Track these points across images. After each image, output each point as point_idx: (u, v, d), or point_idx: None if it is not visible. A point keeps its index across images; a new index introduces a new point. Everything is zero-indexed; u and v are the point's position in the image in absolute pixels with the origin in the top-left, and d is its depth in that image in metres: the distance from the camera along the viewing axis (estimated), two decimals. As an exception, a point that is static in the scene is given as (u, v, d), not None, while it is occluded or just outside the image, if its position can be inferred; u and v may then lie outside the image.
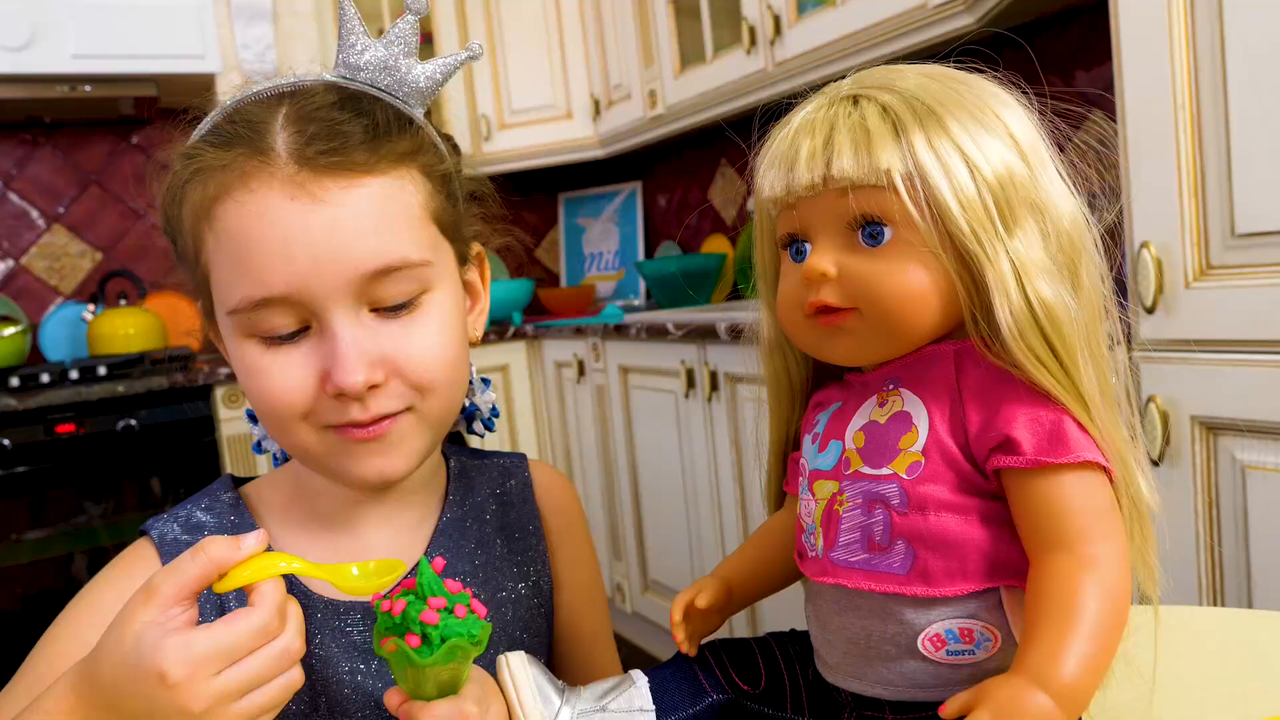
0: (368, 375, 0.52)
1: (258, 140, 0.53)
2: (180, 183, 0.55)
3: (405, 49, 0.57)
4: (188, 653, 0.43)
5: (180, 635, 0.43)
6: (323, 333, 0.53)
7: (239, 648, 0.44)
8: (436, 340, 0.55)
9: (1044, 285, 0.46)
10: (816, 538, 0.51)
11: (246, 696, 0.44)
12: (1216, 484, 1.04)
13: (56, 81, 2.08)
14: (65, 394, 1.89)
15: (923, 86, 0.48)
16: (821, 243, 0.49)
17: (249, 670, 0.44)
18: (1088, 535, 0.44)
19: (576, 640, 0.72)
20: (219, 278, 0.54)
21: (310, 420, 0.54)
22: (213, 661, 0.43)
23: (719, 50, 2.07)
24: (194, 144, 0.55)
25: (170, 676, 0.42)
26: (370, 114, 0.54)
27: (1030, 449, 0.45)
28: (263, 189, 0.51)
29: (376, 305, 0.53)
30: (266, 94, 0.56)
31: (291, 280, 0.51)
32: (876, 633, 0.48)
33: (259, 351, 0.53)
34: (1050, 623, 0.43)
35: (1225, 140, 0.98)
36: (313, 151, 0.52)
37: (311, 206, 0.51)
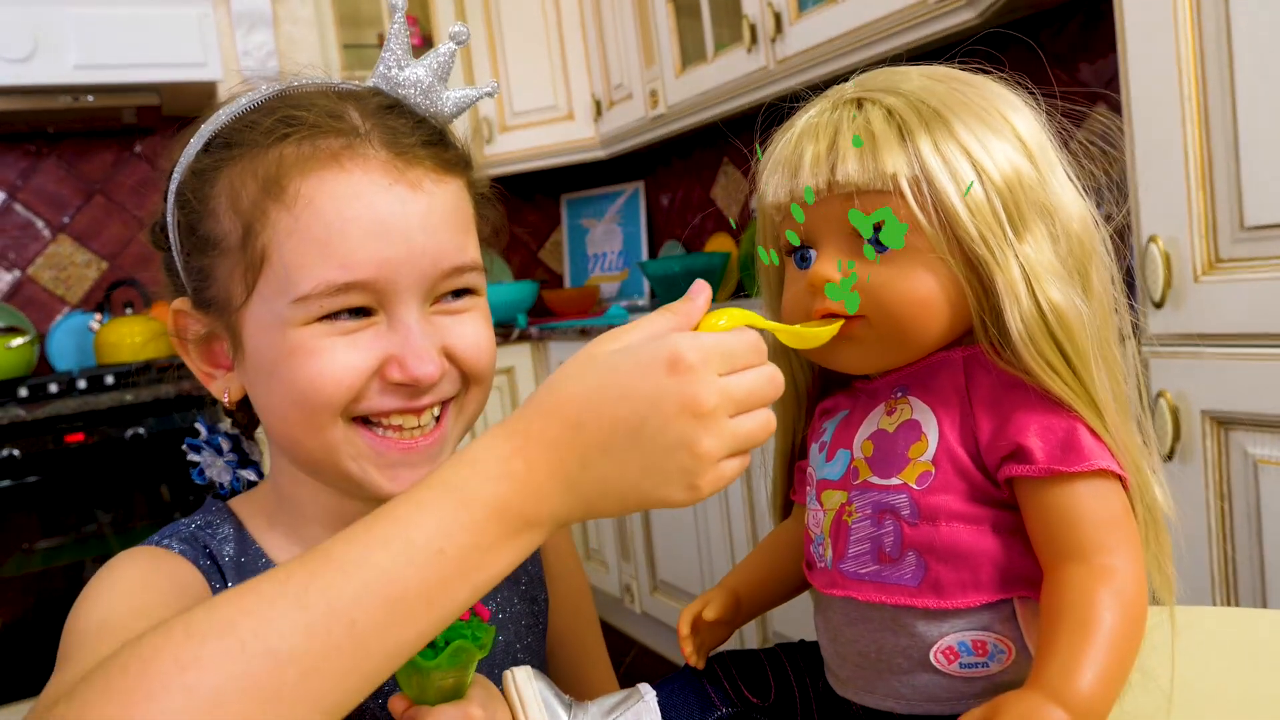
0: (439, 365, 0.52)
1: (340, 121, 0.51)
2: (222, 161, 0.53)
3: (442, 75, 0.57)
4: (699, 342, 0.40)
5: (686, 333, 0.41)
6: (391, 322, 0.52)
7: (740, 355, 0.41)
8: (486, 334, 0.56)
9: (1055, 289, 0.45)
10: (825, 548, 0.50)
11: (744, 416, 0.40)
12: (1229, 479, 1.03)
13: (59, 92, 2.08)
14: (73, 404, 1.89)
15: (927, 89, 0.47)
16: (827, 249, 0.48)
17: (750, 381, 0.41)
18: (1103, 545, 0.43)
19: (567, 652, 0.71)
20: (289, 260, 0.50)
21: (348, 411, 0.52)
22: (722, 357, 0.40)
23: (720, 49, 2.06)
24: (242, 118, 0.53)
25: (686, 359, 0.39)
26: (426, 122, 0.55)
27: (1043, 458, 0.44)
28: (358, 170, 0.50)
29: (437, 300, 0.54)
30: (314, 86, 0.55)
31: (381, 267, 0.50)
32: (888, 645, 0.48)
33: (317, 334, 0.50)
34: (1066, 636, 0.42)
35: (1233, 131, 0.97)
36: (405, 142, 0.52)
37: (410, 193, 0.51)
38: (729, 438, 0.40)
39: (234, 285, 0.53)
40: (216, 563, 0.57)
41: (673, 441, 0.39)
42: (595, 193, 2.99)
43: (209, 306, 0.55)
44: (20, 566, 1.90)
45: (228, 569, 0.57)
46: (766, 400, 0.42)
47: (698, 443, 0.39)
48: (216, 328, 0.56)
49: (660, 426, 0.39)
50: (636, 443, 0.39)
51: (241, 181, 0.52)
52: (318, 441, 0.53)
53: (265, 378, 0.53)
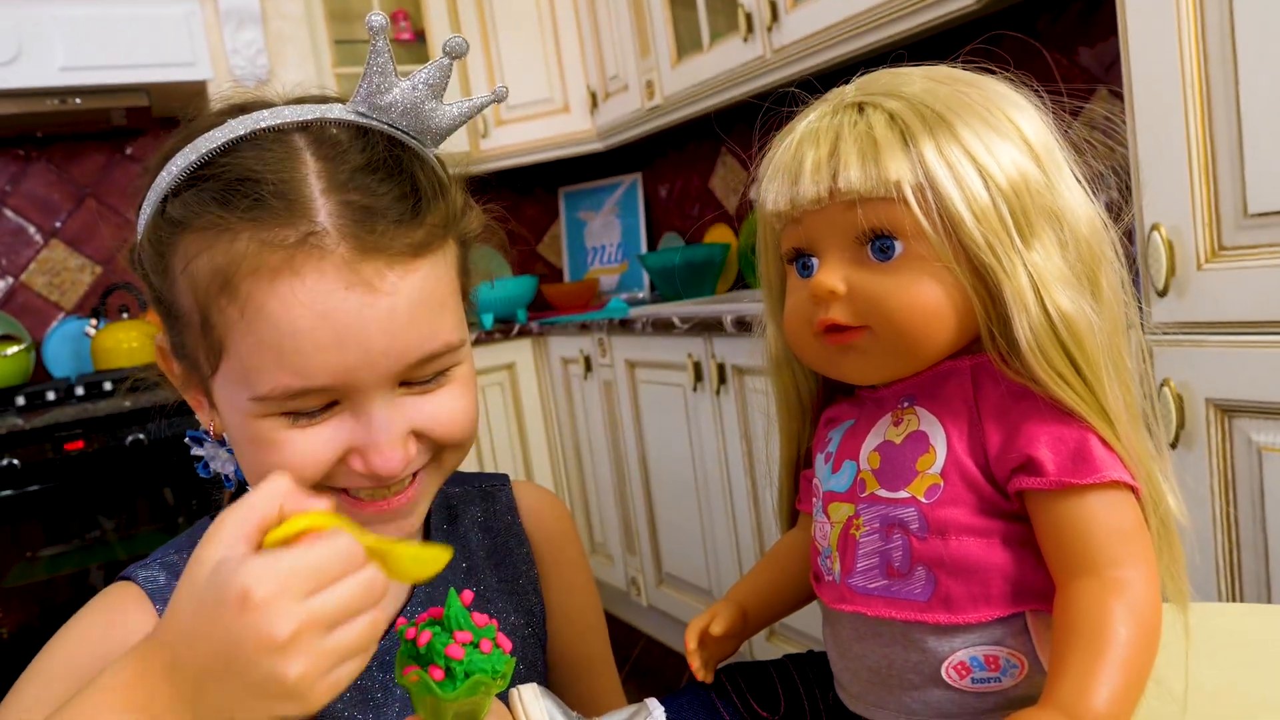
0: (404, 457, 0.50)
1: (298, 212, 0.47)
2: (176, 235, 0.49)
3: (433, 92, 0.52)
4: (272, 569, 0.38)
5: (262, 555, 0.39)
6: (355, 412, 0.50)
7: (326, 570, 0.39)
8: (462, 405, 0.53)
9: (1063, 297, 0.44)
10: (833, 561, 0.50)
11: (336, 631, 0.39)
12: (1232, 466, 1.03)
13: (46, 95, 2.06)
14: (72, 411, 1.88)
15: (930, 91, 0.46)
16: (829, 258, 0.47)
17: (338, 597, 0.39)
18: (1116, 559, 0.43)
19: (572, 667, 0.70)
20: (244, 360, 0.48)
21: (316, 485, 0.51)
22: (299, 580, 0.38)
23: (716, 38, 2.04)
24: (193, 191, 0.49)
25: (254, 595, 0.37)
26: (409, 175, 0.50)
27: (1053, 469, 0.43)
28: (313, 275, 0.46)
29: (408, 381, 0.51)
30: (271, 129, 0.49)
31: (338, 374, 0.48)
32: (898, 661, 0.47)
33: (278, 427, 0.49)
34: (1080, 652, 0.41)
35: (1236, 117, 0.96)
36: (367, 232, 0.47)
37: (367, 298, 0.47)
38: (325, 657, 0.39)
39: (200, 358, 0.51)
40: None
41: (262, 676, 0.38)
42: (593, 185, 2.98)
43: (184, 360, 0.54)
44: (24, 575, 1.89)
45: None
46: (367, 607, 0.40)
47: (286, 675, 0.38)
48: (192, 378, 0.54)
49: (246, 664, 0.38)
50: (231, 677, 0.39)
51: (196, 265, 0.49)
52: None
53: (236, 445, 0.53)
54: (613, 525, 2.32)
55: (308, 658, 0.38)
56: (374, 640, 0.41)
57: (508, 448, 2.40)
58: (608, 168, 2.93)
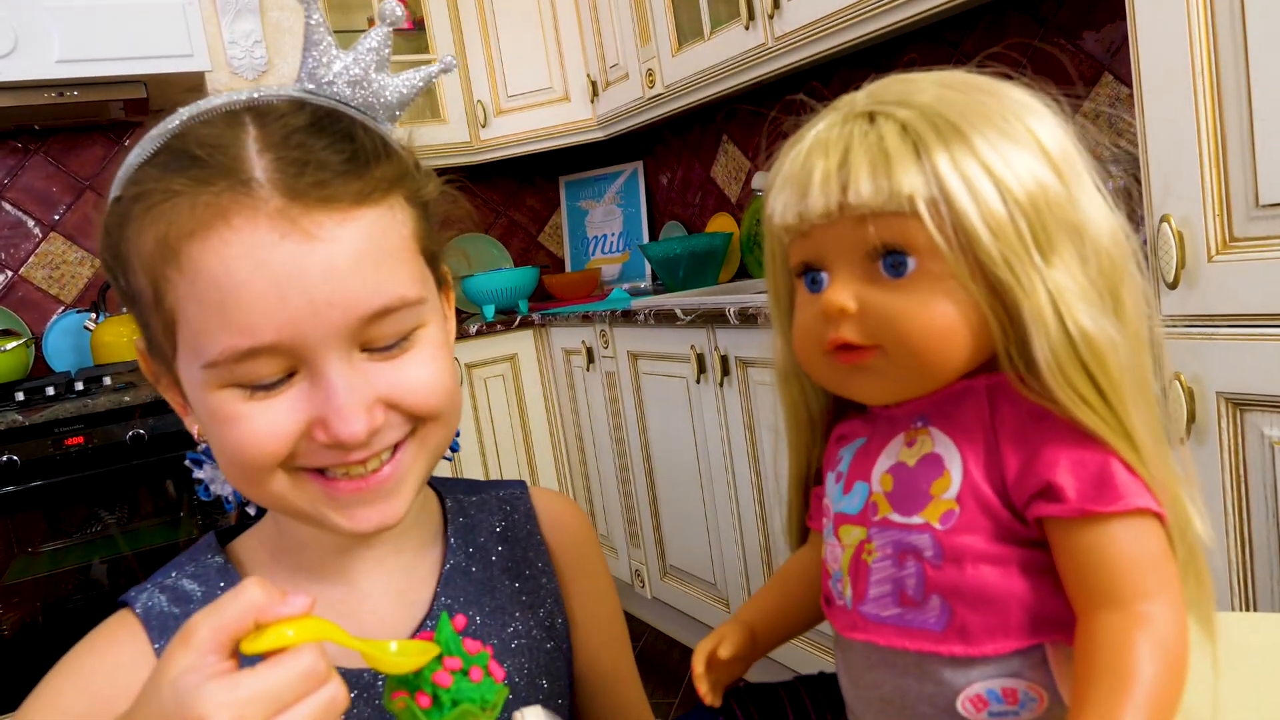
0: (368, 422, 0.49)
1: (232, 167, 0.47)
2: (126, 216, 0.49)
3: (377, 62, 0.52)
4: (232, 695, 0.38)
5: (223, 678, 0.39)
6: (313, 379, 0.48)
7: (286, 692, 0.39)
8: (432, 371, 0.52)
9: (1085, 315, 0.42)
10: (844, 586, 0.48)
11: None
12: (1245, 460, 1.01)
13: (43, 88, 2.04)
14: (71, 406, 1.87)
15: (943, 99, 0.44)
16: (840, 274, 0.45)
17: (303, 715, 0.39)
18: (1141, 590, 0.41)
19: (597, 680, 0.68)
20: (192, 326, 0.48)
21: (286, 465, 0.50)
22: (258, 706, 0.38)
23: (717, 25, 2.02)
24: (141, 170, 0.49)
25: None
26: (350, 136, 0.50)
27: (1075, 496, 0.41)
28: (247, 226, 0.46)
29: (369, 346, 0.50)
30: (220, 110, 0.50)
31: (284, 328, 0.46)
32: (912, 692, 0.45)
33: (235, 399, 0.48)
34: (1103, 690, 0.39)
35: (1247, 106, 0.94)
36: (303, 182, 0.47)
37: (305, 245, 0.46)
38: None
39: (162, 339, 0.50)
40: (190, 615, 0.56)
41: None
42: (594, 174, 2.96)
43: (155, 354, 0.53)
44: (25, 571, 1.89)
45: None
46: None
47: None
48: (166, 374, 0.53)
49: None
50: None
51: (141, 240, 0.48)
52: (262, 493, 0.51)
53: (206, 430, 0.51)
54: (616, 517, 2.31)
55: None
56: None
57: (510, 439, 2.39)
58: (609, 156, 2.91)
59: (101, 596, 1.95)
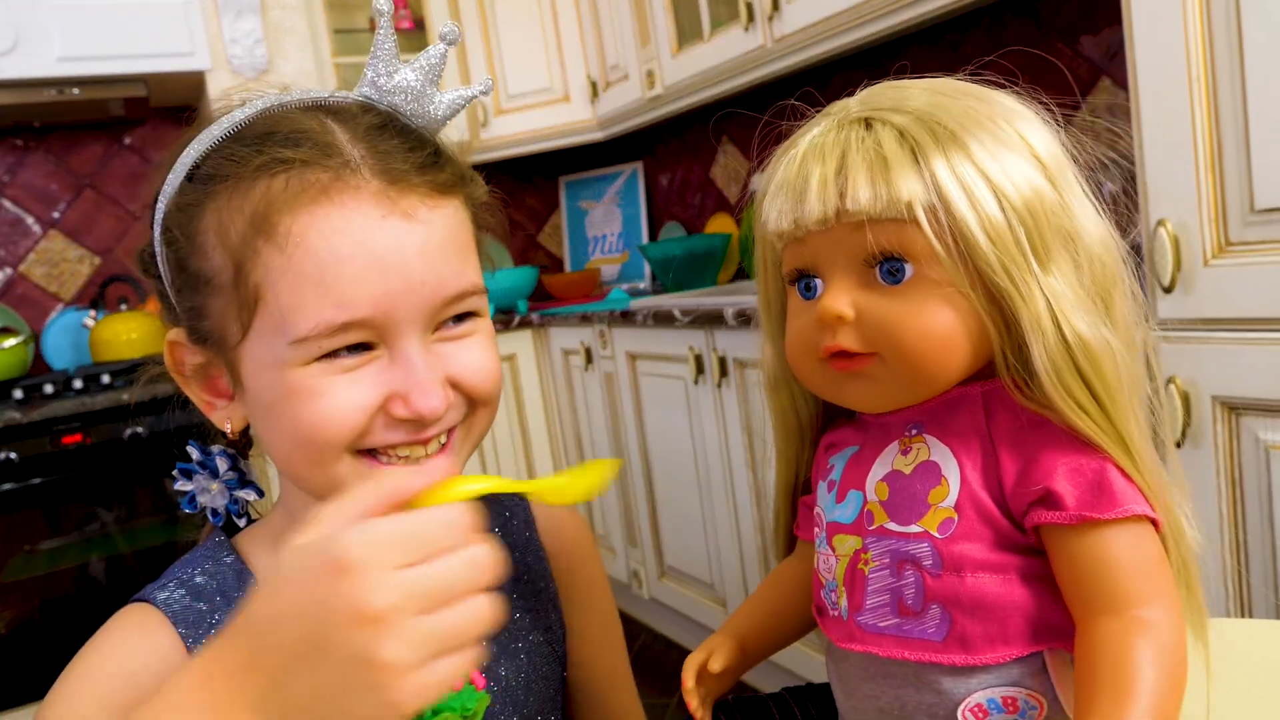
0: (444, 398, 0.51)
1: (330, 149, 0.49)
2: (207, 193, 0.50)
3: (433, 77, 0.55)
4: (371, 534, 0.35)
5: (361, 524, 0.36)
6: (393, 355, 0.50)
7: (430, 541, 0.36)
8: (491, 356, 0.55)
9: (1081, 322, 0.42)
10: (839, 596, 0.48)
11: (436, 614, 0.35)
12: (1240, 464, 1.02)
13: (44, 85, 2.04)
14: (70, 404, 1.87)
15: (937, 105, 0.44)
16: (836, 281, 0.45)
17: (440, 572, 0.35)
18: (1139, 596, 0.41)
19: (593, 685, 0.69)
20: (282, 302, 0.48)
21: (351, 448, 0.50)
22: (399, 547, 0.35)
23: (716, 27, 2.02)
24: (223, 148, 0.50)
25: (349, 557, 0.34)
26: (420, 137, 0.53)
27: (1073, 503, 0.42)
28: (351, 202, 0.48)
29: (438, 327, 0.52)
30: (298, 104, 0.52)
31: (379, 303, 0.48)
32: (910, 703, 0.45)
33: (318, 374, 0.49)
34: (1105, 696, 0.40)
35: (1242, 112, 0.94)
36: (400, 171, 0.49)
37: (405, 224, 0.49)
38: (422, 639, 0.35)
39: (229, 323, 0.50)
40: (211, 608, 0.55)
41: (351, 656, 0.34)
42: (593, 174, 2.96)
43: (205, 341, 0.53)
44: (23, 569, 1.89)
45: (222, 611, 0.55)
46: (470, 588, 0.36)
47: (377, 653, 0.34)
48: (214, 361, 0.54)
49: (337, 641, 0.35)
50: (318, 661, 0.35)
51: (229, 217, 0.49)
52: (324, 477, 0.51)
53: (267, 414, 0.51)
54: (614, 518, 2.32)
55: (402, 640, 0.34)
56: (477, 637, 0.37)
57: (508, 439, 2.39)
58: (608, 156, 2.91)
59: (99, 595, 1.95)
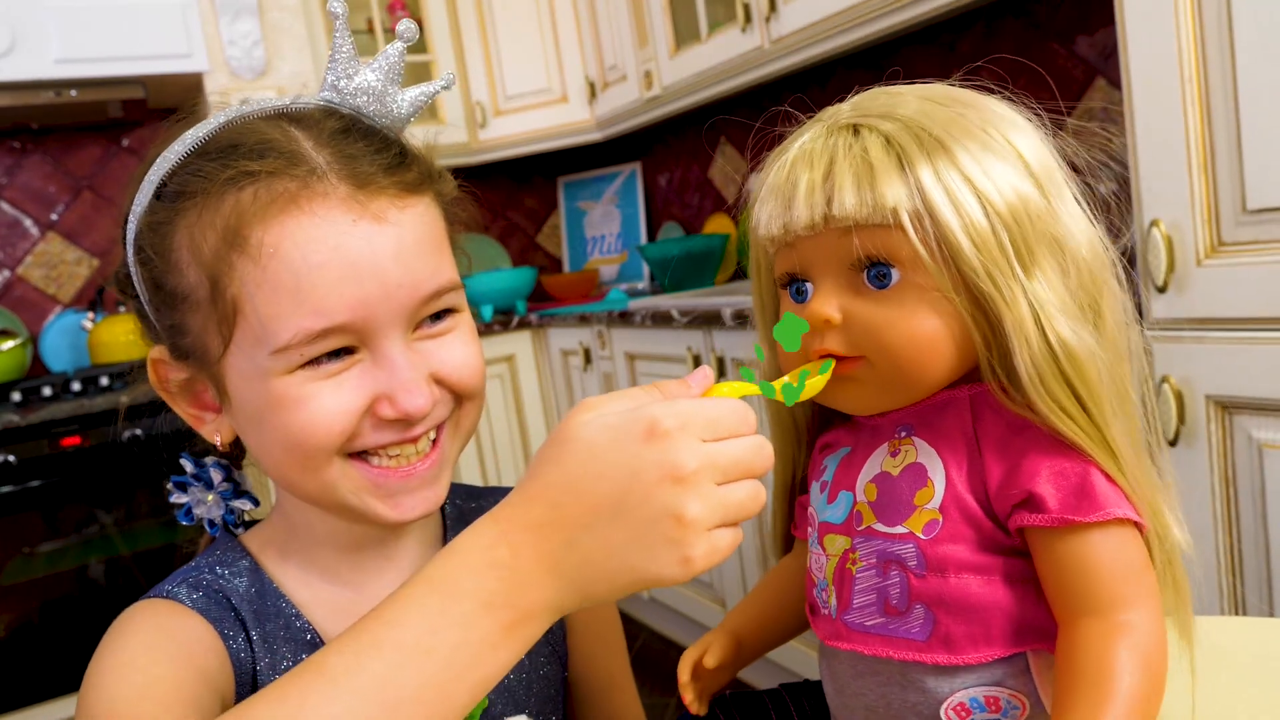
0: (430, 395, 0.51)
1: (295, 158, 0.49)
2: (176, 211, 0.50)
3: (394, 76, 0.55)
4: (677, 408, 0.38)
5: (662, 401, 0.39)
6: (375, 358, 0.50)
7: (724, 422, 0.38)
8: (473, 351, 0.55)
9: (1065, 327, 0.43)
10: (829, 595, 0.49)
11: (729, 486, 0.38)
12: (1233, 463, 1.02)
13: (41, 88, 2.04)
14: (68, 407, 1.88)
15: (926, 112, 0.45)
16: (824, 285, 0.46)
17: (737, 449, 0.39)
18: (1120, 599, 0.42)
19: (591, 686, 0.69)
20: (260, 313, 0.48)
21: (341, 451, 0.51)
22: (702, 423, 0.38)
23: (714, 28, 2.03)
24: (188, 164, 0.50)
25: (662, 425, 0.37)
26: (384, 138, 0.53)
27: (1056, 506, 0.42)
28: (321, 209, 0.48)
29: (419, 325, 0.52)
30: (254, 115, 0.52)
31: (357, 308, 0.48)
32: (896, 701, 0.46)
33: (301, 382, 0.49)
34: (1085, 698, 0.40)
35: (1234, 113, 0.95)
36: (367, 174, 0.49)
37: (376, 227, 0.49)
38: (717, 504, 0.38)
39: (210, 338, 0.51)
40: (232, 605, 0.55)
41: (657, 511, 0.37)
42: (592, 175, 2.96)
43: (187, 357, 0.53)
44: (22, 572, 1.89)
45: (244, 610, 0.55)
46: (755, 471, 0.39)
47: (684, 509, 0.37)
48: (198, 376, 0.54)
49: (643, 497, 0.37)
50: (620, 518, 0.37)
51: (201, 233, 0.49)
52: (315, 482, 0.52)
53: (254, 424, 0.52)
54: (612, 517, 2.32)
55: (704, 501, 0.37)
56: (758, 507, 0.39)
57: (507, 439, 2.40)
58: (607, 157, 2.91)
59: (99, 597, 1.95)
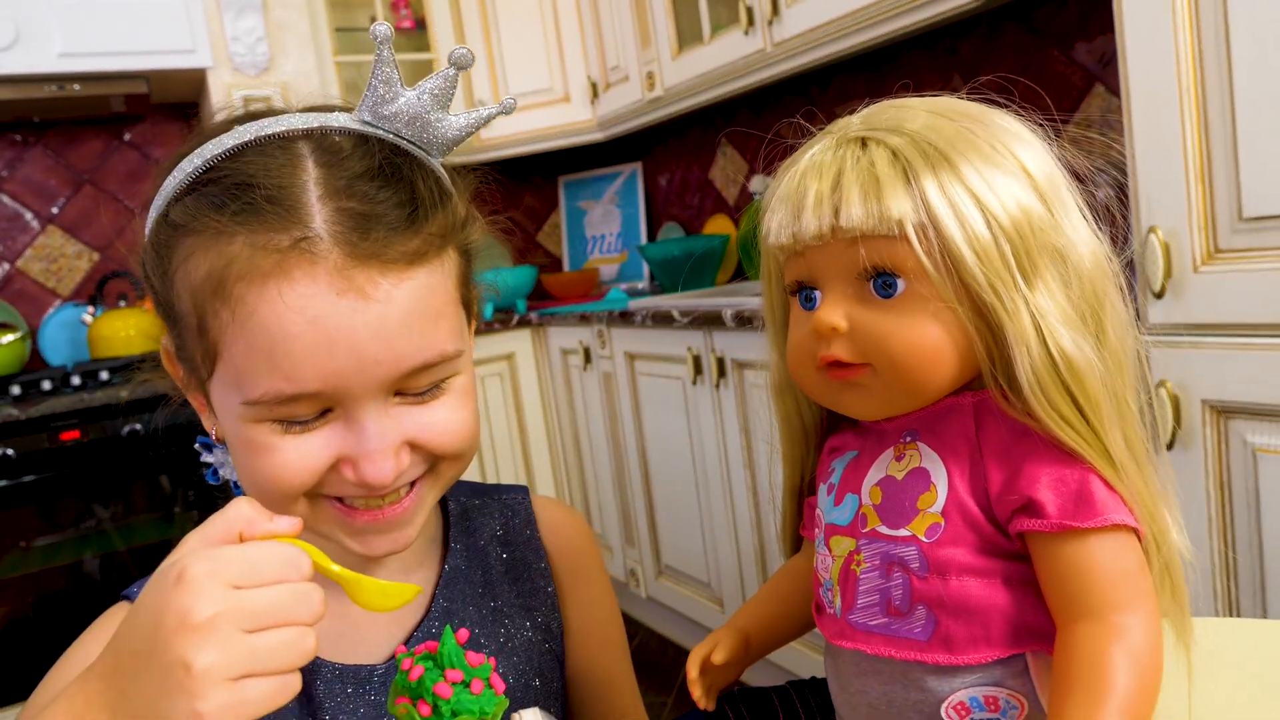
0: (395, 467, 0.50)
1: (292, 216, 0.47)
2: (174, 242, 0.50)
3: (439, 102, 0.52)
4: (210, 554, 0.38)
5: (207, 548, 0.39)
6: (348, 421, 0.50)
7: (260, 569, 0.38)
8: (461, 417, 0.53)
9: (1065, 338, 0.44)
10: (834, 595, 0.50)
11: (258, 635, 0.38)
12: (1228, 467, 1.03)
13: (44, 81, 2.05)
14: (67, 401, 1.88)
15: (933, 127, 0.46)
16: (832, 293, 0.47)
17: (268, 597, 0.38)
18: (1117, 603, 0.43)
19: (591, 685, 0.69)
20: (238, 363, 0.48)
21: (310, 493, 0.51)
22: (234, 568, 0.38)
23: (717, 30, 2.03)
24: (193, 195, 0.49)
25: (188, 572, 0.37)
26: (408, 183, 0.50)
27: (1055, 512, 0.43)
28: (305, 279, 0.46)
29: (404, 392, 0.51)
30: (278, 136, 0.50)
31: (329, 379, 0.47)
32: (898, 699, 0.47)
33: (270, 433, 0.49)
34: (1080, 699, 0.41)
35: (1231, 122, 0.96)
36: (365, 244, 0.47)
37: (359, 304, 0.47)
38: (240, 654, 0.37)
39: (199, 360, 0.51)
40: None
41: (171, 660, 0.37)
42: (593, 174, 2.97)
43: (185, 363, 0.54)
44: (18, 566, 1.89)
45: None
46: (296, 618, 0.38)
47: (193, 658, 0.36)
48: (191, 383, 0.54)
49: (163, 645, 0.37)
50: (150, 667, 0.37)
51: (194, 265, 0.49)
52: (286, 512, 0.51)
53: (232, 448, 0.52)
54: (612, 517, 2.33)
55: (219, 650, 0.37)
56: (294, 665, 0.39)
57: (507, 438, 2.40)
58: (607, 156, 2.92)
59: (94, 591, 1.95)
